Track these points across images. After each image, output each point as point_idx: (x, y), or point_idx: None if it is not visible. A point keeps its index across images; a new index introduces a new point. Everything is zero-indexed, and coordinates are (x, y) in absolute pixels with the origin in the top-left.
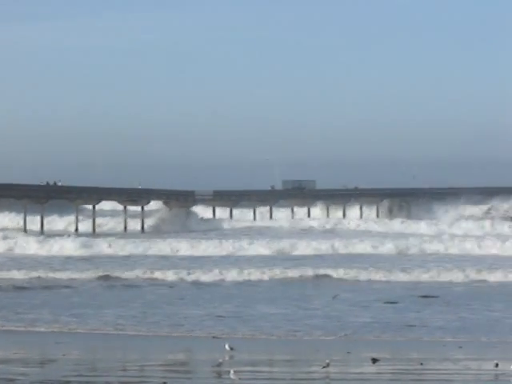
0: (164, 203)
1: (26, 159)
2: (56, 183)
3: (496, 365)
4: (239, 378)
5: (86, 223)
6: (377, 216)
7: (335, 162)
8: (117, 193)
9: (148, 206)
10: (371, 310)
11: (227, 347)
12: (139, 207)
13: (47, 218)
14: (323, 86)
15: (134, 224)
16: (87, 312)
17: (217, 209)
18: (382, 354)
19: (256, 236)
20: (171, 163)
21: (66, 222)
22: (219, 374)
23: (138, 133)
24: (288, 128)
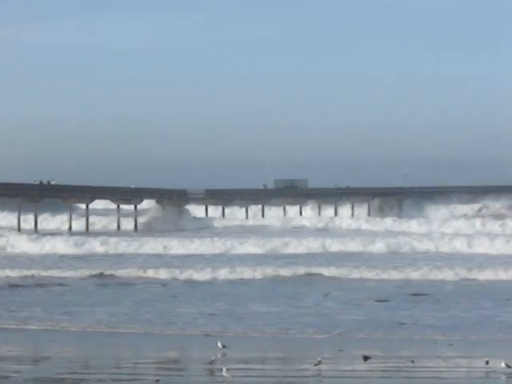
0: (157, 202)
1: (20, 158)
2: (49, 182)
3: (486, 362)
4: (231, 376)
5: (80, 222)
6: (368, 215)
7: (327, 162)
8: (110, 192)
9: (141, 205)
10: (362, 308)
11: (219, 345)
12: (132, 206)
13: (41, 217)
14: (315, 87)
15: (127, 223)
16: (80, 310)
17: (209, 207)
18: (374, 352)
19: (248, 234)
20: (164, 162)
21: (60, 221)
22: (212, 372)
23: (131, 132)
24: (280, 127)
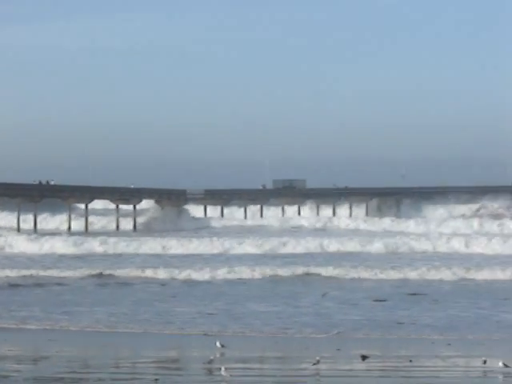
0: (156, 202)
1: (19, 158)
2: (48, 182)
3: (484, 362)
4: (230, 375)
5: (79, 222)
6: (366, 215)
7: (325, 162)
8: (109, 192)
9: (140, 205)
10: (360, 308)
11: (218, 344)
12: (131, 206)
13: (40, 217)
14: (313, 87)
15: (126, 223)
16: (79, 310)
17: (208, 207)
18: (372, 351)
19: (247, 234)
20: (163, 162)
21: (59, 221)
22: (210, 371)
23: (131, 132)
24: (279, 128)
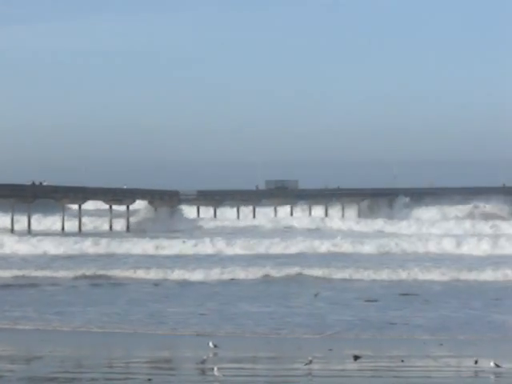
0: (149, 203)
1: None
2: (41, 183)
3: (475, 362)
4: (223, 375)
5: (72, 222)
6: (358, 215)
7: (317, 163)
8: (102, 192)
9: (133, 206)
10: (352, 308)
11: (211, 344)
12: (124, 207)
13: (33, 218)
14: (306, 88)
15: (119, 223)
16: (72, 310)
17: (201, 208)
18: (364, 352)
19: (239, 235)
20: (156, 163)
21: (52, 222)
22: (203, 371)
23: (124, 134)
24: (271, 129)
